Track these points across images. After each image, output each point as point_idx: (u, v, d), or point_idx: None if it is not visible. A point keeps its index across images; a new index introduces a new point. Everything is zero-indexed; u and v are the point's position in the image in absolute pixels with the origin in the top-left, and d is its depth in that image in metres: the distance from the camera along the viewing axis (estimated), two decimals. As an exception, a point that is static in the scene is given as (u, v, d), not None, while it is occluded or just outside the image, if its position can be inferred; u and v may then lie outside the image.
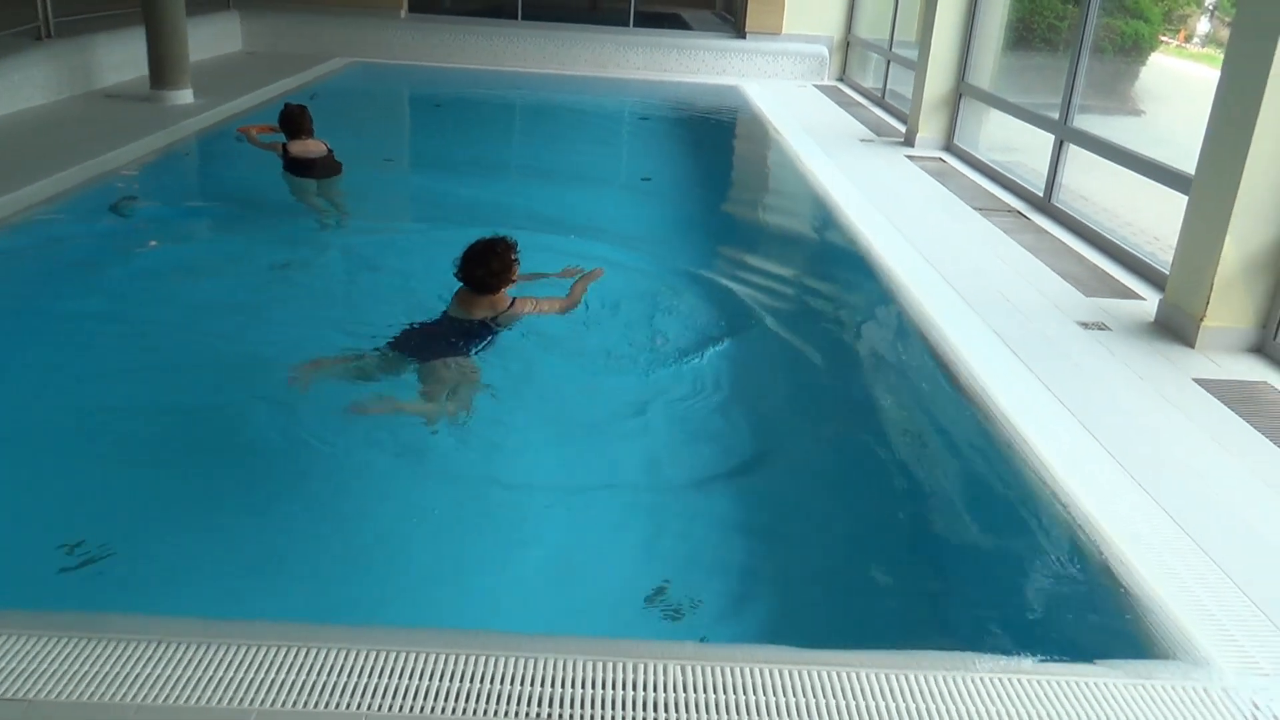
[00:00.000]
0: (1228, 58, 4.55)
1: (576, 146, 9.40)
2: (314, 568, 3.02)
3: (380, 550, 3.12)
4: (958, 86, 9.06)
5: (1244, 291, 4.54)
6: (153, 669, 2.24)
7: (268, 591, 2.88)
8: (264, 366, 4.19)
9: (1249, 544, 3.06)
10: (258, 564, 3.01)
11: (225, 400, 3.93)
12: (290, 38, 12.77)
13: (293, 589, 2.90)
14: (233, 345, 4.40)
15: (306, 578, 2.96)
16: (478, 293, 4.17)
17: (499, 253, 4.13)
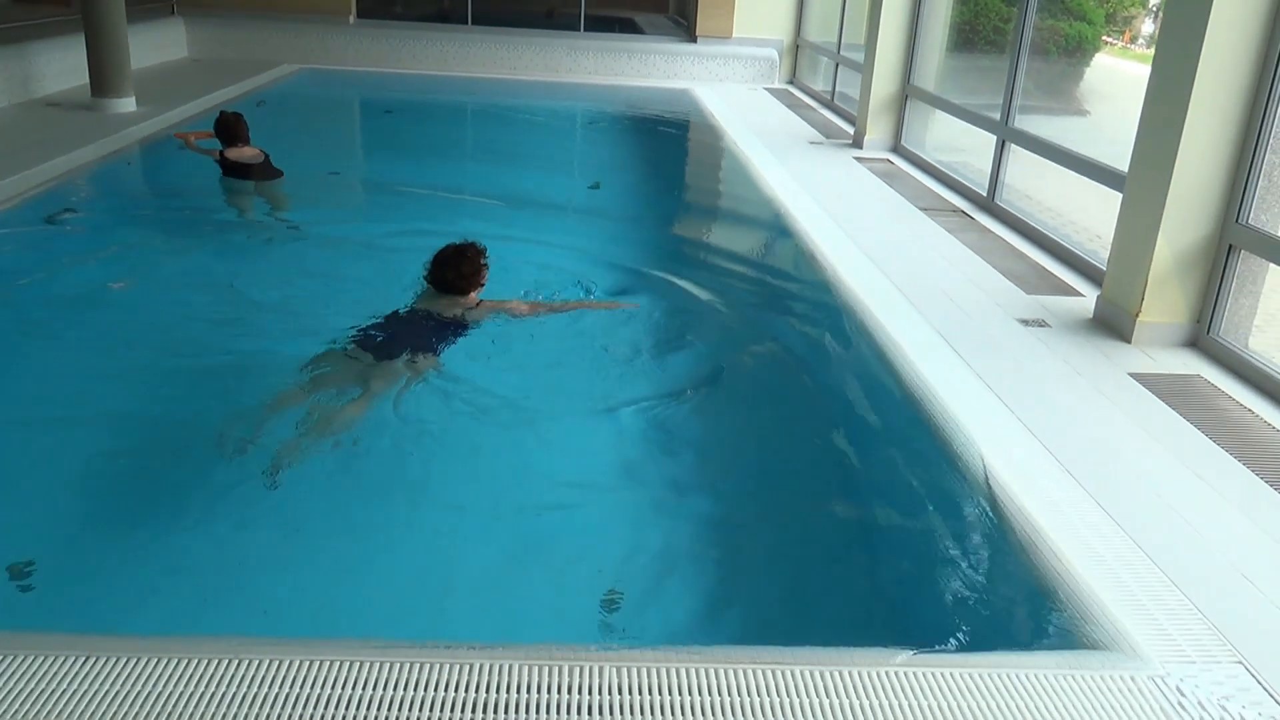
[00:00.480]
0: (1156, 58, 4.65)
1: (527, 152, 9.39)
2: (270, 581, 2.99)
3: (325, 559, 3.10)
4: (903, 89, 9.16)
5: (1177, 287, 4.63)
6: (119, 686, 2.21)
7: (222, 605, 2.85)
8: (210, 375, 4.17)
9: (1179, 534, 3.12)
10: (198, 576, 2.97)
11: (168, 410, 3.89)
12: (237, 44, 12.65)
13: (248, 602, 2.87)
14: (178, 356, 4.36)
15: (264, 590, 2.93)
16: (448, 294, 4.34)
17: (469, 257, 4.35)
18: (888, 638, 2.67)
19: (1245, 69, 4.33)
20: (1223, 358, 4.49)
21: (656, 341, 4.74)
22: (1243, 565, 2.97)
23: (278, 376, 4.02)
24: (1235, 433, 3.82)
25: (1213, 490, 3.40)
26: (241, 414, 3.78)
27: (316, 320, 4.62)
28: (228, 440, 3.61)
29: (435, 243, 4.53)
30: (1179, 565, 2.94)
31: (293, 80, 11.73)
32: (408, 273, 4.66)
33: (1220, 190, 4.48)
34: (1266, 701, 2.42)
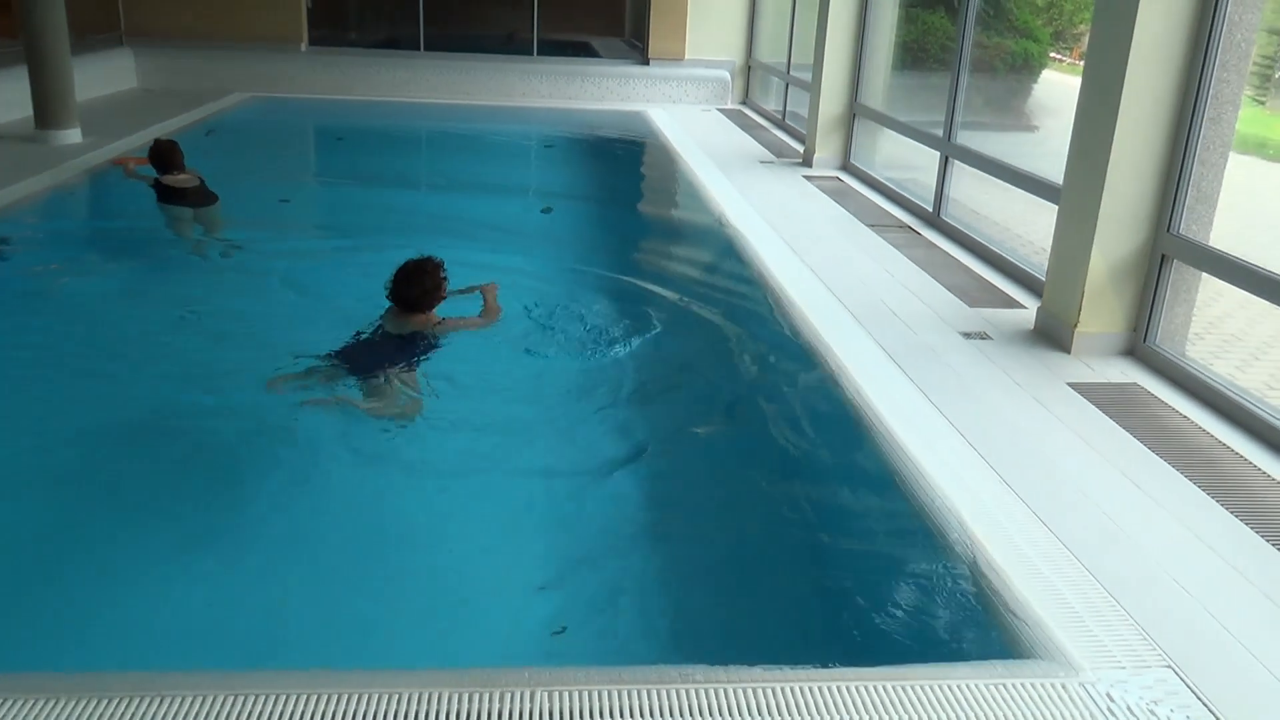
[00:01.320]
0: (1085, 74, 4.73)
1: (481, 176, 9.38)
2: (212, 613, 2.94)
3: (259, 589, 3.06)
4: (851, 107, 9.26)
5: (1113, 298, 4.70)
6: None
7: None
8: (157, 404, 4.13)
9: (1114, 542, 3.15)
10: (159, 610, 2.92)
11: (115, 439, 3.85)
12: (187, 73, 12.56)
13: (180, 636, 2.83)
14: (122, 385, 4.32)
15: (201, 623, 2.88)
16: (409, 311, 4.37)
17: (429, 272, 4.36)
18: (825, 653, 2.67)
19: (1170, 84, 4.42)
20: (1160, 366, 4.55)
21: (602, 359, 4.75)
22: (1175, 571, 3.00)
23: (238, 395, 4.02)
24: (1172, 440, 3.87)
25: (1148, 497, 3.44)
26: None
27: (269, 341, 4.66)
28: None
29: (385, 265, 4.52)
30: (1113, 572, 2.97)
31: (243, 109, 11.66)
32: (355, 292, 4.67)
33: (1151, 202, 4.56)
34: (1194, 705, 2.44)
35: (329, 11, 14.03)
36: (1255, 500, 3.44)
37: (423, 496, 3.60)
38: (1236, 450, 3.81)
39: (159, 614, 2.90)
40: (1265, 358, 5.35)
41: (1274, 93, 8.62)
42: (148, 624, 2.85)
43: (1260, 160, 8.31)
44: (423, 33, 13.82)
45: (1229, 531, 3.23)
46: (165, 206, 6.74)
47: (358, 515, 3.47)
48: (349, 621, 2.91)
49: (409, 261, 4.39)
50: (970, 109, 7.21)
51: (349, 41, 14.21)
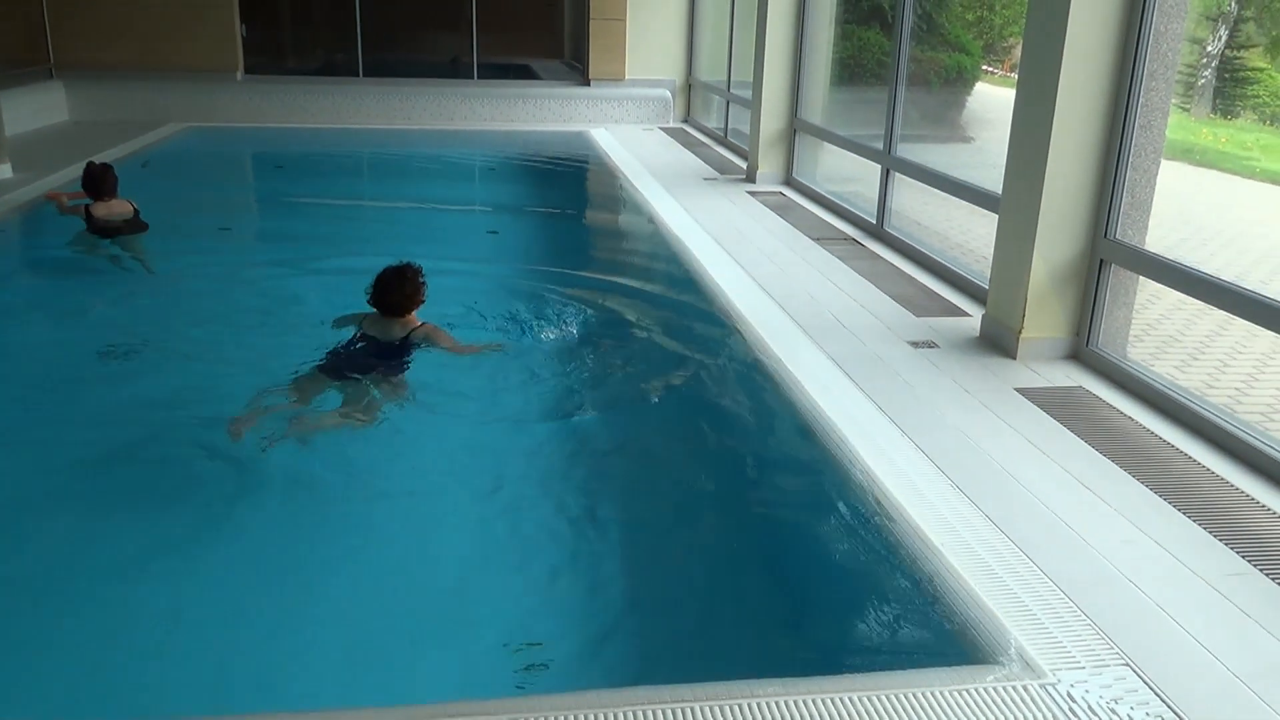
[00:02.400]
0: (1019, 87, 4.83)
1: (424, 200, 9.33)
2: (162, 656, 2.87)
3: (214, 630, 2.99)
4: (792, 123, 9.37)
5: (1056, 303, 4.79)
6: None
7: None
8: (91, 438, 4.04)
9: (1066, 543, 3.20)
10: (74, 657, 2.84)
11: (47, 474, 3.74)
12: (120, 105, 12.34)
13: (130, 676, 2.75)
14: (54, 425, 4.21)
15: (153, 665, 2.81)
16: (391, 315, 4.51)
17: (409, 277, 4.52)
18: (787, 667, 2.67)
19: (1101, 94, 4.52)
20: (1102, 369, 4.65)
21: (549, 380, 4.74)
22: (1127, 569, 3.05)
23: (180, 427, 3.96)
24: (1118, 441, 3.95)
25: (1097, 498, 3.50)
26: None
27: (208, 371, 4.71)
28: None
29: (328, 289, 4.52)
30: (1067, 573, 3.02)
31: (179, 139, 11.49)
32: (303, 313, 4.61)
33: (1088, 208, 4.66)
34: (1154, 701, 2.48)
35: (264, 39, 13.89)
36: (1201, 497, 3.51)
37: (369, 523, 3.55)
38: (1180, 449, 3.89)
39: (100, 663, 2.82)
40: (1203, 357, 5.49)
41: (1198, 100, 8.91)
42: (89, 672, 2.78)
43: (1188, 166, 8.57)
44: (361, 58, 13.74)
45: (1178, 529, 3.30)
46: (88, 236, 6.66)
47: (296, 544, 3.41)
48: (318, 661, 2.86)
49: (389, 268, 4.53)
50: (908, 122, 7.33)
51: (286, 69, 14.07)
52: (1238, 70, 8.51)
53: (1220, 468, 3.73)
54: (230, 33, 13.20)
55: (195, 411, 4.32)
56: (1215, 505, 3.45)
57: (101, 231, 6.65)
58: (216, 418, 4.04)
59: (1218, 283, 4.09)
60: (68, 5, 12.61)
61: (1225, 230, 8.37)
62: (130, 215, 6.76)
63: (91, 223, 6.67)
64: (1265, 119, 8.47)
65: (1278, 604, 2.89)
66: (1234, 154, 8.75)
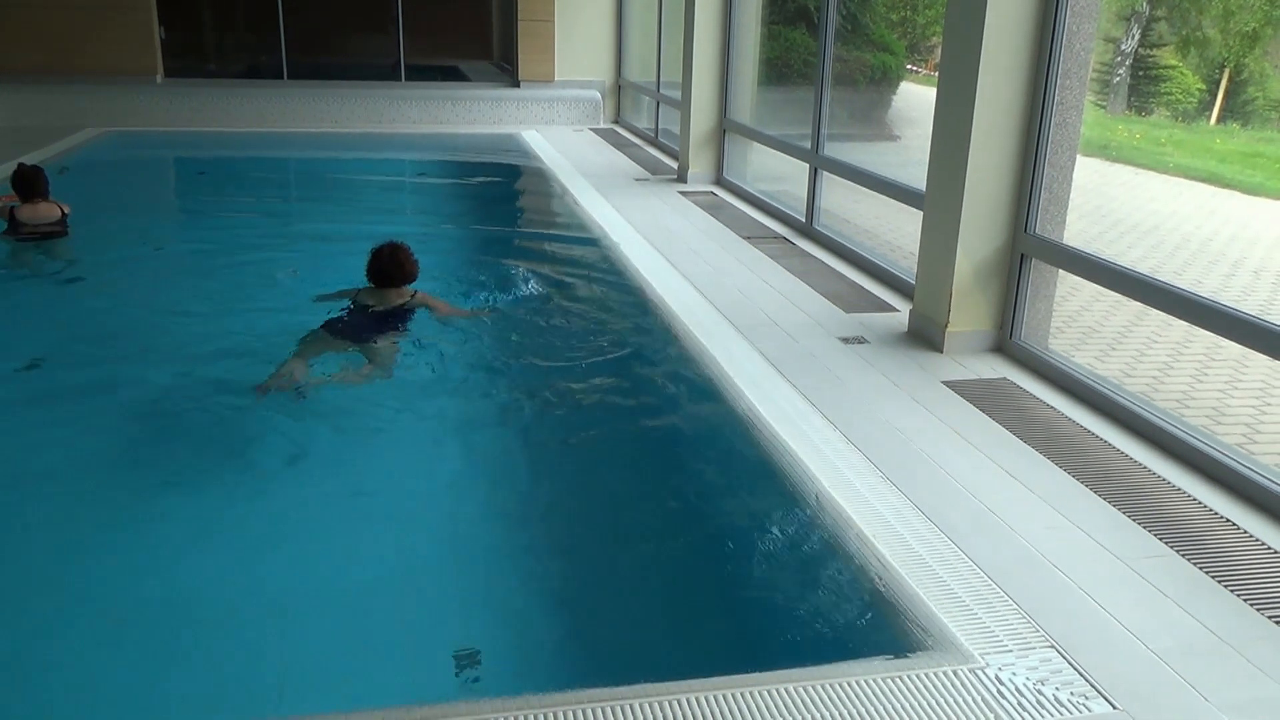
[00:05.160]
0: (940, 86, 4.93)
1: (353, 203, 9.21)
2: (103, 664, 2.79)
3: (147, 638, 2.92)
4: (721, 123, 9.44)
5: (980, 297, 4.90)
6: None
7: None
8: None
9: (992, 530, 3.28)
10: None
11: None
12: (36, 110, 11.99)
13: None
14: None
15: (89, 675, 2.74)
16: (386, 287, 5.06)
17: (402, 251, 5.10)
18: (719, 662, 2.71)
19: (1017, 92, 4.64)
20: (1026, 360, 4.76)
21: (480, 382, 4.73)
22: (1051, 554, 3.14)
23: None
24: (1040, 430, 4.05)
25: (1023, 486, 3.59)
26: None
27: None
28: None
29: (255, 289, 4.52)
30: (993, 559, 3.09)
31: (97, 144, 11.18)
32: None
33: (1008, 203, 4.78)
34: (1078, 681, 2.55)
35: (184, 41, 13.60)
36: (1121, 483, 3.62)
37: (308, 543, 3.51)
38: (1101, 436, 4.01)
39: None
40: (1121, 347, 5.66)
41: (1113, 97, 9.17)
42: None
43: (1105, 162, 8.82)
44: (285, 61, 13.53)
45: (1099, 514, 3.40)
46: (9, 240, 6.53)
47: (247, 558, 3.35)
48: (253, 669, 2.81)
49: (383, 245, 5.11)
50: (835, 121, 7.44)
51: (208, 72, 13.79)
52: (1151, 68, 8.79)
53: (1138, 454, 3.85)
54: (149, 34, 12.91)
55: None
56: (1134, 490, 3.56)
57: (23, 235, 6.53)
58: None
59: (1132, 274, 4.23)
60: (-24, 7, 12.24)
61: (1142, 223, 8.64)
62: (56, 218, 6.66)
63: (13, 225, 6.54)
64: (1177, 115, 8.76)
65: (1194, 584, 3.00)
66: (1148, 149, 9.04)
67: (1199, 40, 8.01)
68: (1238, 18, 7.28)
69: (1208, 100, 8.11)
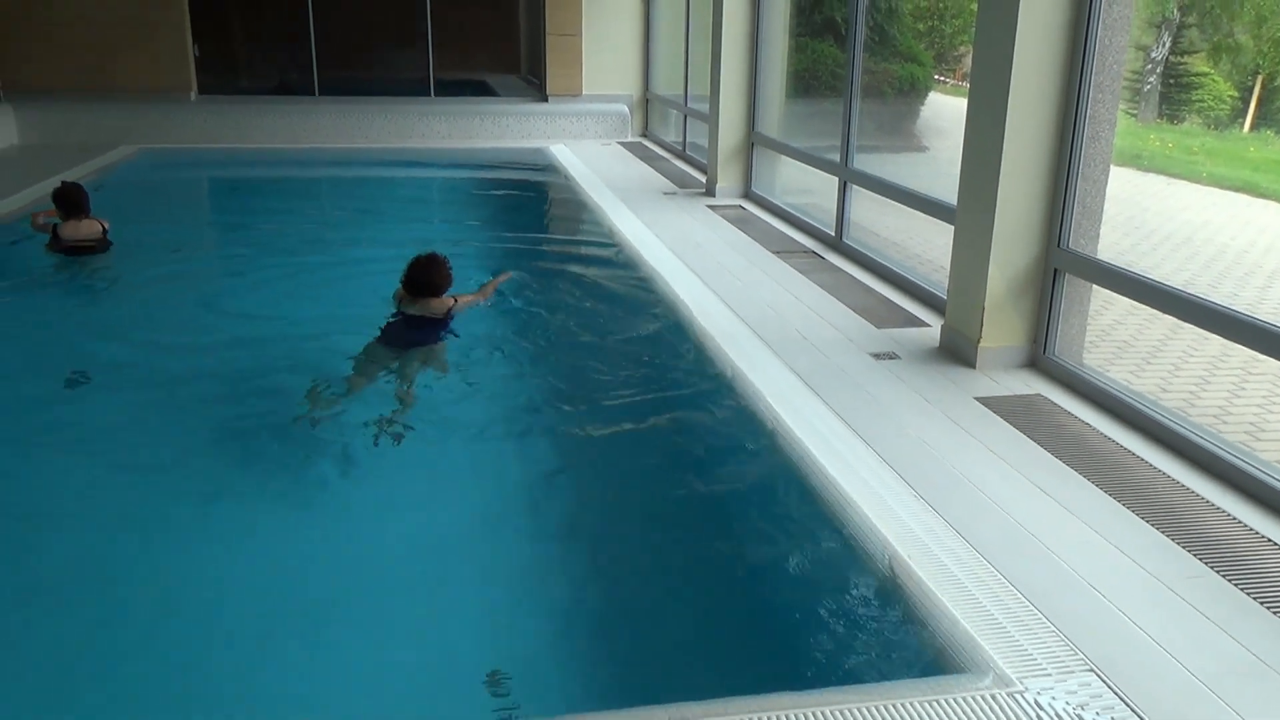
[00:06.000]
0: (970, 101, 4.92)
1: (383, 218, 9.29)
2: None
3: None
4: (749, 136, 9.45)
5: (1012, 312, 4.87)
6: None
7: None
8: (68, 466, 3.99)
9: (1029, 550, 3.26)
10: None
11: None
12: (72, 128, 12.18)
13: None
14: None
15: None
16: (425, 297, 5.13)
17: (439, 263, 5.17)
18: (757, 682, 2.70)
19: (1050, 107, 4.62)
20: (1060, 376, 4.73)
21: (510, 396, 4.77)
22: (1089, 575, 3.11)
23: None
24: (1076, 448, 4.02)
25: (1059, 505, 3.56)
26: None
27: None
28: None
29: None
30: (1030, 580, 3.07)
31: (132, 162, 11.35)
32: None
33: (1041, 218, 4.75)
34: (1118, 705, 2.53)
35: (218, 59, 13.77)
36: (1158, 501, 3.58)
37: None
38: (1137, 453, 3.97)
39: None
40: (1156, 361, 5.60)
41: (1144, 105, 9.09)
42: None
43: (1137, 172, 8.74)
44: (316, 77, 13.66)
45: (1136, 533, 3.36)
46: (52, 254, 6.72)
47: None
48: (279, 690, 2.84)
49: (420, 257, 5.17)
50: (864, 133, 7.42)
51: (240, 89, 13.94)
52: (1182, 75, 8.71)
53: (1175, 471, 3.81)
54: (183, 53, 13.08)
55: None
56: (1172, 509, 3.53)
57: (65, 250, 6.71)
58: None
59: (1166, 289, 4.19)
60: (16, 27, 12.44)
61: (1175, 234, 8.55)
62: (98, 235, 6.83)
63: (56, 242, 6.72)
64: (1209, 123, 8.67)
65: (1234, 605, 2.96)
66: (1181, 158, 8.94)
67: (1231, 47, 7.92)
68: (1270, 24, 7.21)
69: (1240, 108, 8.02)
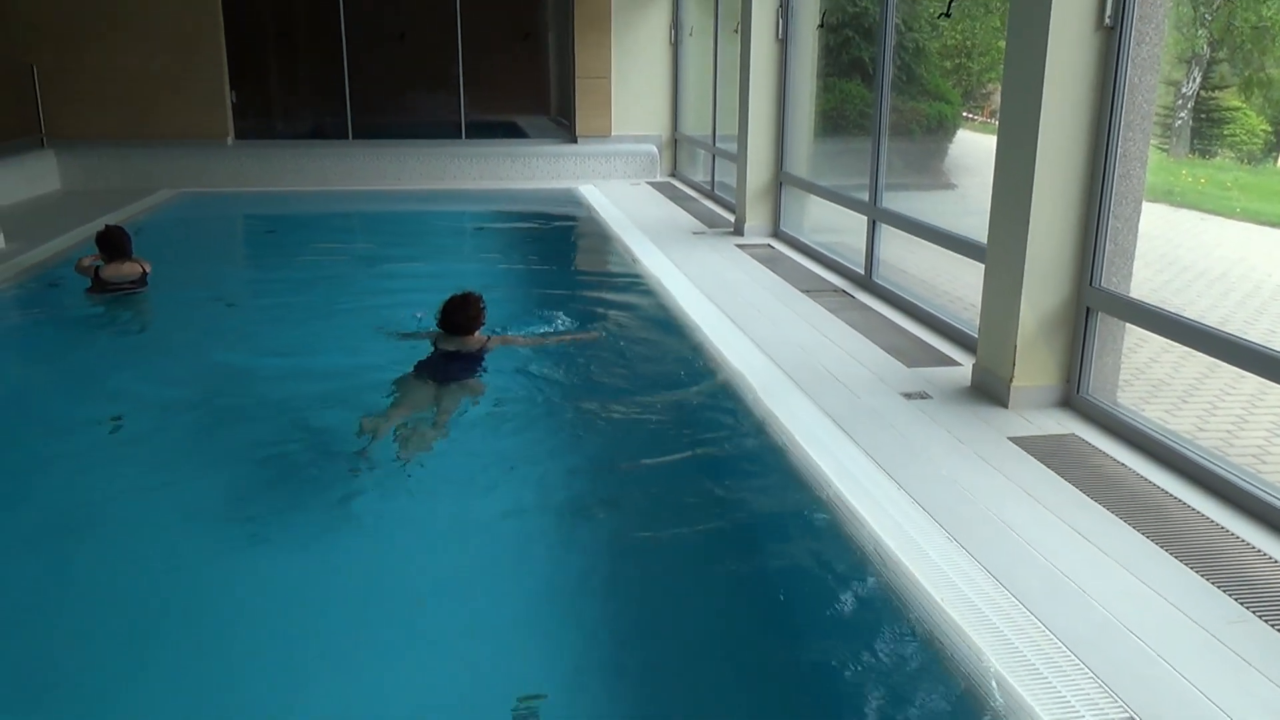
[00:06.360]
0: (1000, 139, 4.92)
1: (415, 259, 9.39)
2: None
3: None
4: (777, 175, 9.49)
5: (1045, 350, 4.83)
6: None
7: None
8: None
9: (1064, 593, 3.21)
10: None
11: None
12: (112, 173, 12.45)
13: None
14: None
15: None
16: (458, 334, 5.34)
17: (471, 302, 5.38)
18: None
19: (1080, 146, 4.61)
20: (1094, 415, 4.68)
21: (546, 440, 4.77)
22: (1127, 619, 3.06)
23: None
24: (1112, 489, 3.97)
25: (1095, 547, 3.51)
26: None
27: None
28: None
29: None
30: (1067, 625, 3.02)
31: (171, 206, 11.56)
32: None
33: (1072, 257, 4.73)
34: (1160, 755, 2.48)
35: (255, 104, 14.06)
36: (1198, 544, 3.53)
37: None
38: (1175, 494, 3.91)
39: None
40: (1193, 400, 5.52)
41: (1175, 141, 9.05)
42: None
43: (1169, 208, 8.68)
44: (350, 121, 13.89)
45: (1176, 577, 3.31)
46: (91, 296, 6.89)
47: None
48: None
49: (454, 296, 5.39)
50: (892, 171, 7.43)
51: (276, 133, 14.22)
52: (1213, 110, 8.67)
53: (1214, 513, 3.75)
54: (220, 99, 13.36)
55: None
56: (1212, 551, 3.47)
57: (105, 290, 6.89)
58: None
59: (1202, 328, 4.15)
60: (59, 75, 12.76)
61: (1209, 270, 8.46)
62: (138, 275, 7.00)
63: (97, 284, 6.89)
64: (1242, 158, 8.61)
65: (1278, 651, 2.90)
66: (1213, 193, 8.88)
67: (1262, 81, 7.88)
68: (1304, 59, 7.17)
69: (1274, 142, 7.96)
